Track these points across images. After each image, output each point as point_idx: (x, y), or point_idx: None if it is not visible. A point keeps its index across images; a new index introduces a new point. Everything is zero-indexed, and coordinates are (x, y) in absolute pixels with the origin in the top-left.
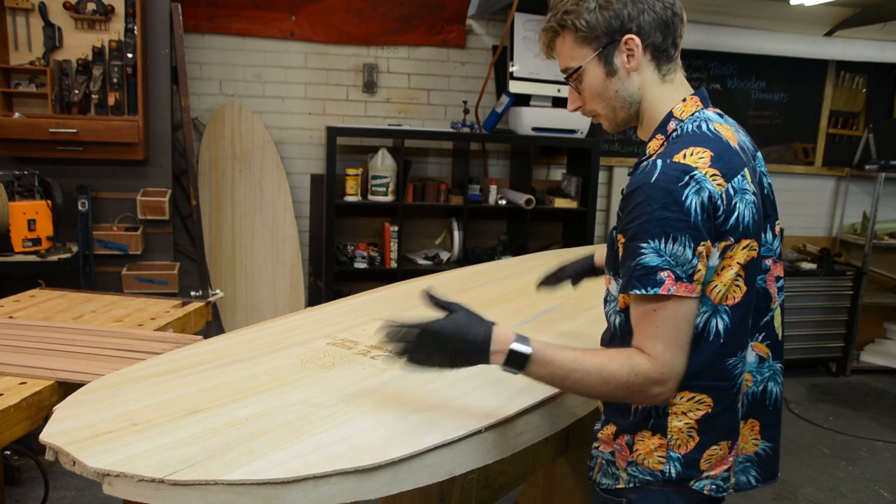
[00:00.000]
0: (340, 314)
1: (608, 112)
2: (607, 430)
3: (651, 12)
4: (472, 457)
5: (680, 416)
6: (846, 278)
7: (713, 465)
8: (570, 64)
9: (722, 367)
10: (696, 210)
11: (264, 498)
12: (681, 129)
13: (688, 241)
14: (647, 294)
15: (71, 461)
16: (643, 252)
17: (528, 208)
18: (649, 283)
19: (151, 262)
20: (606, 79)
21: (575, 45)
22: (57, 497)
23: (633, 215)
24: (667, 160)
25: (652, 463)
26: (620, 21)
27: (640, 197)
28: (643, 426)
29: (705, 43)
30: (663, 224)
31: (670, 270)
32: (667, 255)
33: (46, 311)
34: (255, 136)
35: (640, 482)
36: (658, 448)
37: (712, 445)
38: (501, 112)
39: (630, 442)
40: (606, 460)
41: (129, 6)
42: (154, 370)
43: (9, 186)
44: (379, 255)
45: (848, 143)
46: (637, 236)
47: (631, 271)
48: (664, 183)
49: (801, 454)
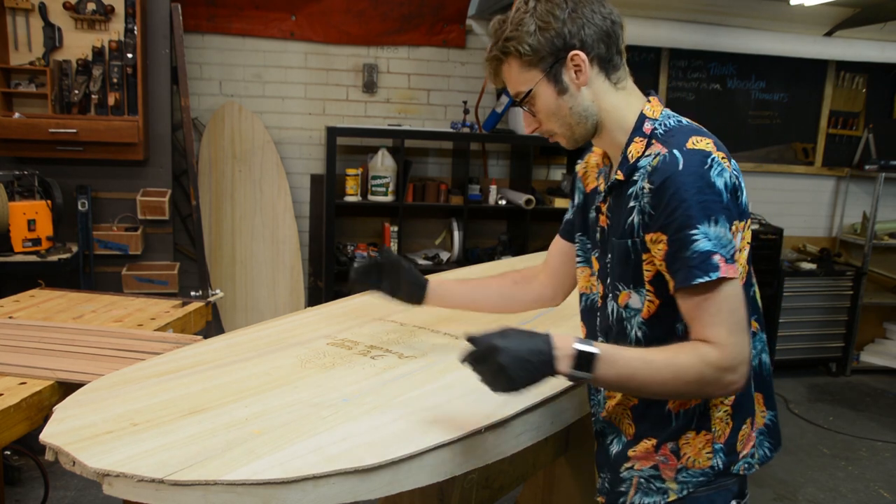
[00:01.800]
0: (340, 314)
1: (565, 130)
2: (644, 445)
3: (591, 25)
4: (472, 457)
5: (719, 405)
6: (846, 278)
7: (744, 444)
8: (520, 88)
9: None
10: (724, 191)
11: (264, 498)
12: (662, 126)
13: (725, 221)
14: (709, 280)
15: (71, 461)
16: (695, 238)
17: (528, 208)
18: (709, 268)
19: (151, 262)
20: (558, 98)
21: (521, 69)
22: (57, 497)
23: (670, 206)
24: (683, 149)
25: (702, 462)
26: (563, 39)
27: (673, 186)
28: (687, 428)
29: (705, 43)
30: (704, 207)
31: (720, 253)
32: (714, 238)
33: (46, 311)
34: (255, 136)
35: (692, 486)
36: (705, 445)
37: (742, 426)
38: (501, 112)
39: (675, 448)
40: (647, 477)
41: (129, 6)
42: (154, 370)
43: (9, 186)
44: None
45: (848, 143)
46: (684, 225)
47: (687, 261)
48: (693, 168)
49: (801, 454)
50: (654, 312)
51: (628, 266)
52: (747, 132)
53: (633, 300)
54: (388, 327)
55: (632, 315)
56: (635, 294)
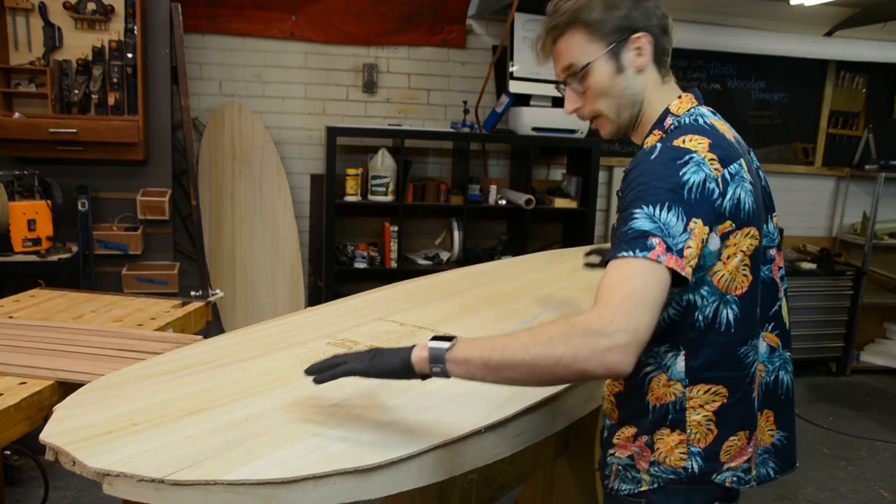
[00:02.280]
0: (340, 314)
1: (612, 111)
2: (624, 432)
3: (655, 17)
4: (472, 457)
5: (697, 409)
6: (846, 278)
7: (733, 456)
8: (578, 60)
9: (734, 357)
10: (691, 187)
11: (264, 498)
12: (678, 122)
13: (681, 213)
14: (635, 257)
15: (71, 461)
16: (636, 217)
17: (528, 208)
18: (638, 246)
19: (151, 262)
20: (615, 76)
21: (584, 41)
22: (57, 497)
23: (630, 187)
24: (667, 143)
25: (674, 460)
26: (629, 20)
27: (638, 171)
28: (662, 423)
29: (705, 43)
30: (658, 193)
31: (662, 238)
32: (660, 221)
33: (46, 311)
34: (255, 136)
35: (663, 481)
36: (679, 444)
37: (731, 436)
38: (501, 112)
39: (650, 442)
40: (624, 465)
41: (129, 6)
42: (154, 370)
43: (9, 186)
44: (379, 255)
45: (848, 143)
46: (632, 203)
47: (622, 236)
48: (664, 160)
49: (801, 454)
50: None
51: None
52: (747, 132)
53: None
54: (388, 327)
55: None
56: None
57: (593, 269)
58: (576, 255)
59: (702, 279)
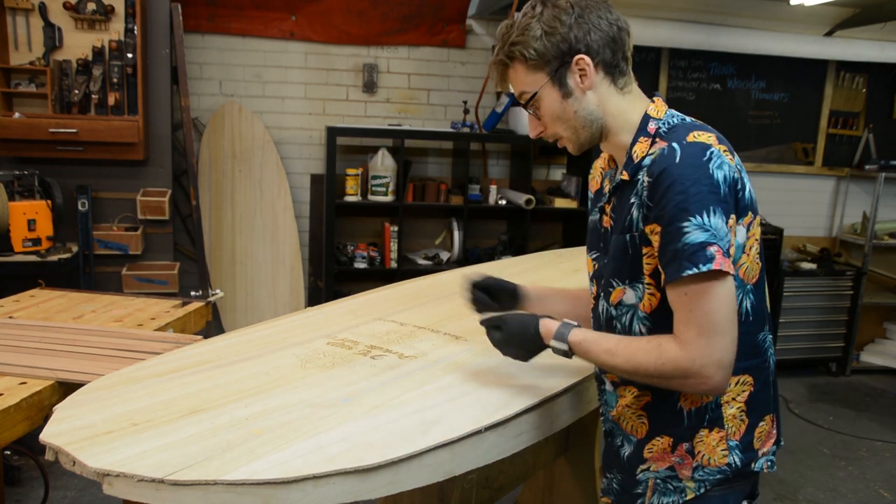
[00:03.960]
0: (340, 314)
1: (570, 133)
2: (657, 444)
3: (597, 31)
4: (472, 457)
5: (731, 402)
6: (846, 278)
7: (763, 441)
8: (525, 90)
9: (754, 344)
10: (722, 183)
11: (264, 498)
12: (665, 124)
13: (722, 214)
14: (700, 272)
15: (71, 461)
16: (686, 231)
17: (528, 208)
18: (700, 259)
19: (151, 262)
20: (563, 101)
21: (527, 72)
22: (57, 497)
23: (665, 197)
24: (682, 142)
25: (717, 459)
26: (568, 44)
27: (669, 179)
28: (700, 426)
29: (705, 43)
30: (700, 198)
31: (718, 245)
32: (711, 228)
33: (46, 311)
34: (255, 136)
35: (710, 483)
36: (719, 442)
37: (760, 423)
38: (501, 112)
39: (690, 448)
40: (664, 478)
41: (129, 6)
42: (154, 370)
43: (9, 186)
44: (379, 255)
45: (848, 143)
46: (676, 217)
47: (677, 254)
48: (690, 159)
49: (801, 454)
50: (656, 306)
51: (625, 261)
52: (747, 132)
53: (626, 296)
54: (388, 327)
55: (624, 312)
56: (630, 290)
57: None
58: (576, 256)
59: None
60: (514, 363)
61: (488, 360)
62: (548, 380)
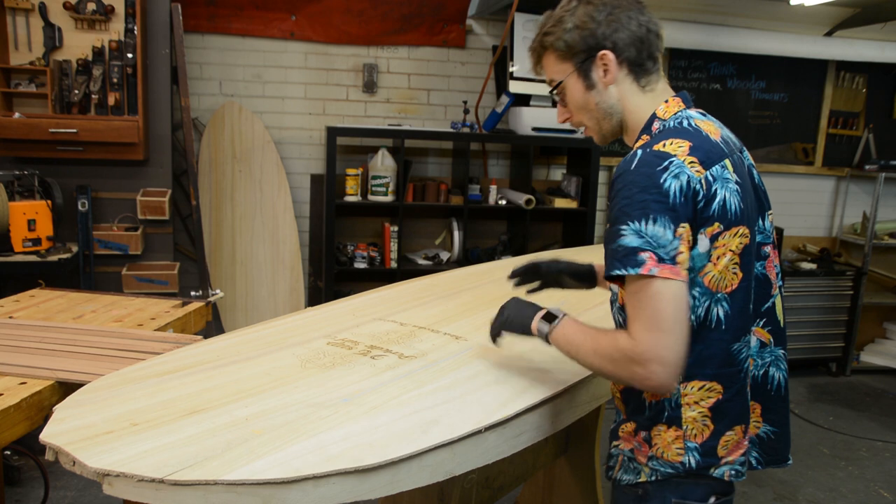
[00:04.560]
0: (340, 314)
1: (593, 123)
2: (627, 427)
3: (625, 30)
4: (472, 457)
5: (693, 405)
6: (846, 278)
7: (730, 450)
8: (554, 78)
9: (727, 354)
10: (674, 193)
11: (264, 498)
12: (664, 126)
13: (668, 222)
14: (630, 274)
15: (71, 461)
16: (623, 234)
17: (528, 208)
18: (629, 262)
19: (151, 262)
20: (586, 92)
21: (556, 61)
22: (57, 497)
23: (615, 201)
24: (647, 149)
25: (671, 455)
26: (595, 39)
27: (621, 183)
28: (658, 420)
29: (705, 43)
30: (643, 206)
31: (652, 252)
32: (647, 236)
33: (46, 311)
34: (255, 136)
35: (661, 475)
36: (675, 440)
37: (727, 431)
38: (501, 112)
39: (647, 437)
40: (627, 457)
41: (129, 6)
42: (154, 370)
43: (9, 186)
44: (379, 255)
45: (848, 143)
46: (618, 219)
47: (613, 253)
48: (643, 168)
49: (801, 454)
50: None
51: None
52: (747, 132)
53: (614, 286)
54: (388, 327)
55: (612, 304)
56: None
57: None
58: (575, 256)
59: (693, 280)
60: (514, 363)
61: (488, 361)
62: (548, 380)
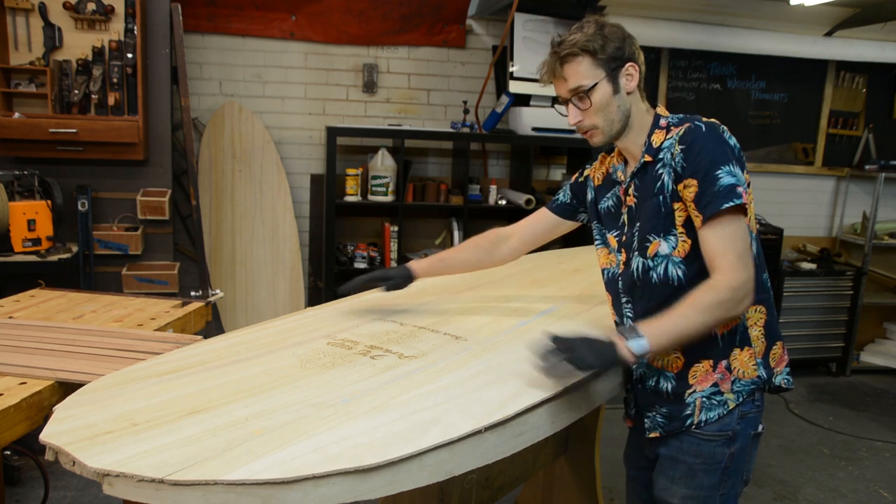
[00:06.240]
0: (340, 314)
1: (606, 124)
2: (701, 367)
3: (640, 53)
4: (472, 457)
5: (754, 326)
6: (846, 278)
7: (777, 361)
8: (585, 82)
9: (762, 282)
10: (736, 147)
11: (264, 498)
12: (673, 119)
13: (740, 168)
14: (735, 205)
15: (71, 461)
16: (720, 176)
17: (529, 208)
18: (734, 195)
19: (151, 262)
20: (612, 96)
21: (591, 66)
22: (57, 497)
23: (700, 156)
24: (701, 120)
25: (749, 372)
26: (624, 52)
27: (700, 142)
28: (732, 346)
29: (705, 43)
30: (726, 154)
31: (742, 188)
32: (736, 176)
33: (46, 311)
34: (255, 136)
35: (746, 394)
36: (749, 358)
37: (773, 346)
38: (501, 112)
39: (728, 365)
40: (707, 396)
41: (129, 6)
42: (154, 370)
43: (9, 186)
44: (379, 255)
45: (848, 143)
46: (711, 167)
47: (714, 195)
48: (711, 128)
49: (801, 454)
50: (689, 251)
51: (659, 218)
52: (747, 132)
53: (661, 247)
54: (388, 327)
55: (660, 262)
56: (664, 242)
57: None
58: (575, 256)
59: None
60: (514, 363)
61: (488, 361)
62: (547, 380)
